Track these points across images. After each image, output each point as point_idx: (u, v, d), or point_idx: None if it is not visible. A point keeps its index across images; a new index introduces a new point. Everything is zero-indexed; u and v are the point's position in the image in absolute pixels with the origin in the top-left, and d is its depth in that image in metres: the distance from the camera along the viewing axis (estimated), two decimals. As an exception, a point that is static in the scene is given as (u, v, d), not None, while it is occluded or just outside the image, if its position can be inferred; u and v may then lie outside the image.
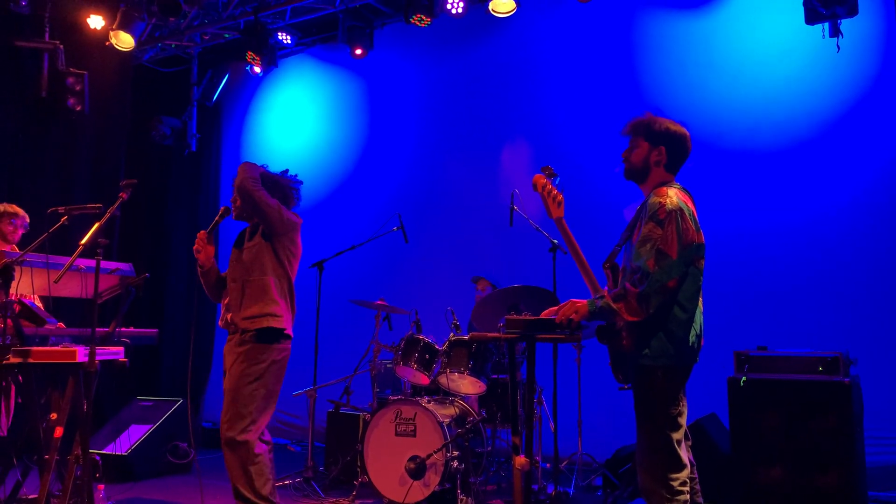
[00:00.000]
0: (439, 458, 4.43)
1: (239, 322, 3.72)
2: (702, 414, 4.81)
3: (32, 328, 3.87)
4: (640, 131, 3.01)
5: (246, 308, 3.72)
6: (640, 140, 3.00)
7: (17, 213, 4.88)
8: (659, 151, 2.98)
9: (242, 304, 3.73)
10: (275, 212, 3.79)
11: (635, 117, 3.05)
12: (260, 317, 3.69)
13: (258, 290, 3.74)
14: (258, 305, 3.71)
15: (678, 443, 2.81)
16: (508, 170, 6.86)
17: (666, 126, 2.99)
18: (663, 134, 2.98)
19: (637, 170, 3.03)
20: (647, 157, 2.99)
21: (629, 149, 3.05)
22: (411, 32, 7.05)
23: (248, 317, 3.70)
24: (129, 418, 5.96)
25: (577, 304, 2.88)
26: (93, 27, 7.18)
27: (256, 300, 3.72)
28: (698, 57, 6.20)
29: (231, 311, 3.82)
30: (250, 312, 3.70)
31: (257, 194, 3.77)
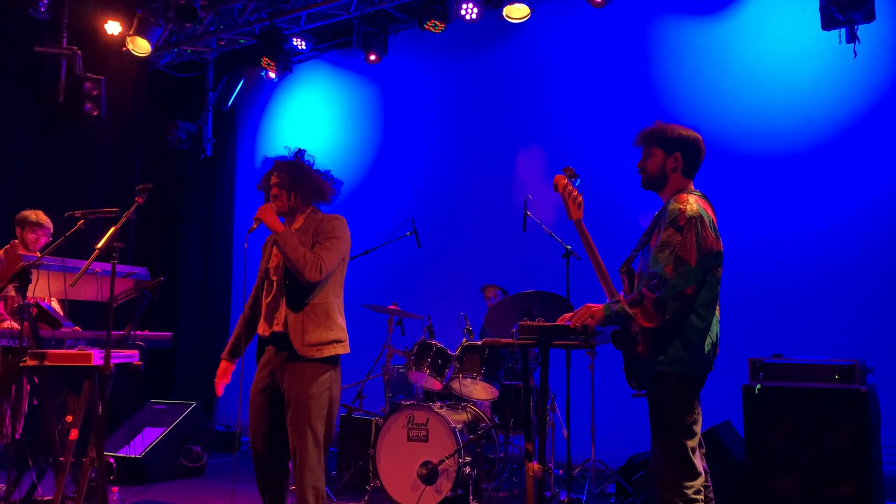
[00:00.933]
0: (451, 463, 4.42)
1: (301, 349, 3.34)
2: (716, 421, 4.77)
3: (48, 331, 3.91)
4: (653, 140, 2.99)
5: (308, 334, 3.36)
6: (654, 148, 2.99)
7: (41, 224, 4.88)
8: (675, 158, 2.97)
9: (305, 330, 3.36)
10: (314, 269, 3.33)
11: (645, 127, 3.05)
12: (326, 344, 3.39)
13: (322, 314, 3.41)
14: (322, 331, 3.39)
15: (693, 451, 2.79)
16: (522, 175, 6.86)
17: (678, 132, 2.98)
18: (677, 140, 2.97)
19: (655, 178, 3.01)
20: (664, 165, 2.98)
21: (643, 158, 3.03)
22: (425, 38, 7.06)
23: (313, 344, 3.36)
24: (143, 421, 5.99)
25: (593, 308, 2.87)
26: (110, 33, 7.25)
27: (319, 324, 3.39)
28: (714, 62, 6.18)
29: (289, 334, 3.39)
30: (315, 339, 3.37)
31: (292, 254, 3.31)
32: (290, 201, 3.50)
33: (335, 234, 3.47)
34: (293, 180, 3.50)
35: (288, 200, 3.50)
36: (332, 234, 3.45)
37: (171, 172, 8.53)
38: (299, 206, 3.54)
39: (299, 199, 3.52)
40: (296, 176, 3.51)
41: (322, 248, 3.39)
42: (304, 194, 3.52)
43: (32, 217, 4.88)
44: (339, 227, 3.51)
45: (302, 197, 3.52)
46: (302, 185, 3.51)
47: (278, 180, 3.51)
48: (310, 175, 3.55)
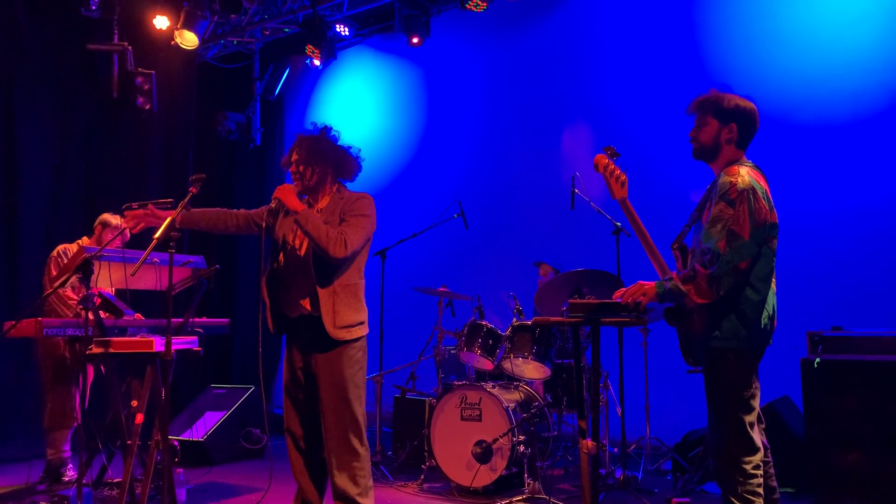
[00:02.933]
0: (505, 442, 4.45)
1: (332, 332, 3.32)
2: (774, 396, 4.70)
3: (111, 320, 4.05)
4: (709, 109, 2.93)
5: (340, 315, 3.32)
6: (709, 118, 2.93)
7: (119, 225, 5.02)
8: (730, 129, 2.91)
9: (336, 311, 3.32)
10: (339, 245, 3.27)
11: (700, 95, 2.98)
12: (355, 326, 3.39)
13: (351, 296, 3.38)
14: (351, 312, 3.37)
15: (751, 426, 2.76)
16: (569, 153, 6.80)
17: (735, 102, 2.91)
18: (733, 111, 2.91)
19: (708, 148, 2.95)
20: (718, 136, 2.92)
21: (696, 127, 2.97)
22: (467, 18, 7.02)
23: (344, 326, 3.34)
24: (204, 405, 6.17)
25: (645, 286, 2.84)
26: (158, 27, 7.39)
27: (349, 306, 3.36)
28: (764, 30, 6.00)
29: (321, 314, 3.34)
30: (346, 320, 3.34)
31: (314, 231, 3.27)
32: (310, 177, 3.43)
33: (362, 211, 3.40)
34: (312, 155, 3.43)
35: (309, 177, 3.43)
36: (359, 212, 3.39)
37: (223, 162, 8.69)
38: (321, 183, 3.46)
39: (319, 175, 3.44)
40: (316, 151, 3.43)
41: (348, 226, 3.34)
42: (324, 170, 3.44)
43: (114, 221, 5.04)
44: (366, 205, 3.43)
45: (321, 173, 3.44)
46: (321, 160, 3.43)
47: (298, 157, 3.44)
48: (330, 150, 3.46)
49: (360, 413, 3.39)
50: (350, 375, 3.37)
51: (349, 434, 3.35)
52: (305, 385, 3.49)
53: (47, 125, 7.01)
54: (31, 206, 6.79)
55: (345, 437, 3.35)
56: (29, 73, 6.85)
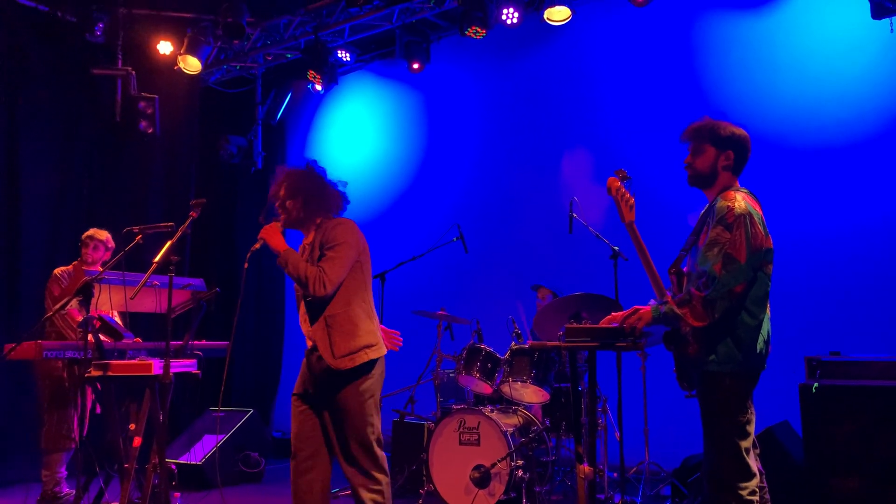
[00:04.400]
0: (504, 467, 4.43)
1: (333, 363, 3.29)
2: (773, 421, 4.68)
3: (111, 342, 4.06)
4: (705, 136, 2.96)
5: (336, 346, 3.30)
6: (706, 145, 2.96)
7: (94, 237, 5.09)
8: (727, 156, 2.95)
9: (332, 342, 3.31)
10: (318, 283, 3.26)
11: (694, 122, 3.02)
12: (356, 352, 3.32)
13: (346, 324, 3.33)
14: (348, 340, 3.32)
15: (747, 451, 2.76)
16: (567, 177, 6.84)
17: (731, 129, 2.96)
18: (729, 138, 2.95)
19: (704, 175, 2.98)
20: (715, 163, 2.95)
21: (692, 154, 3.00)
22: (467, 45, 7.11)
23: (343, 354, 3.29)
24: (203, 428, 6.15)
25: (641, 310, 2.86)
26: (162, 53, 7.48)
27: (344, 334, 3.32)
28: (761, 57, 6.07)
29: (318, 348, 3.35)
30: (343, 349, 3.30)
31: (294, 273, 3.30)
32: (293, 215, 3.43)
33: (337, 240, 3.36)
34: (297, 189, 3.42)
35: (293, 211, 3.42)
36: (334, 242, 3.35)
37: (224, 186, 8.74)
38: (308, 217, 3.46)
39: (303, 209, 3.43)
40: (300, 185, 3.43)
41: (325, 260, 3.31)
42: (308, 204, 3.43)
43: (90, 232, 5.11)
44: (340, 232, 3.38)
45: (305, 207, 3.43)
46: (305, 194, 3.42)
47: (283, 193, 3.44)
48: (312, 187, 3.45)
49: (372, 440, 3.35)
50: (359, 403, 3.32)
51: (365, 463, 3.32)
52: (317, 415, 3.44)
53: (51, 148, 7.07)
54: (33, 228, 6.83)
55: (361, 466, 3.32)
56: (33, 97, 6.93)
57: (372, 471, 3.33)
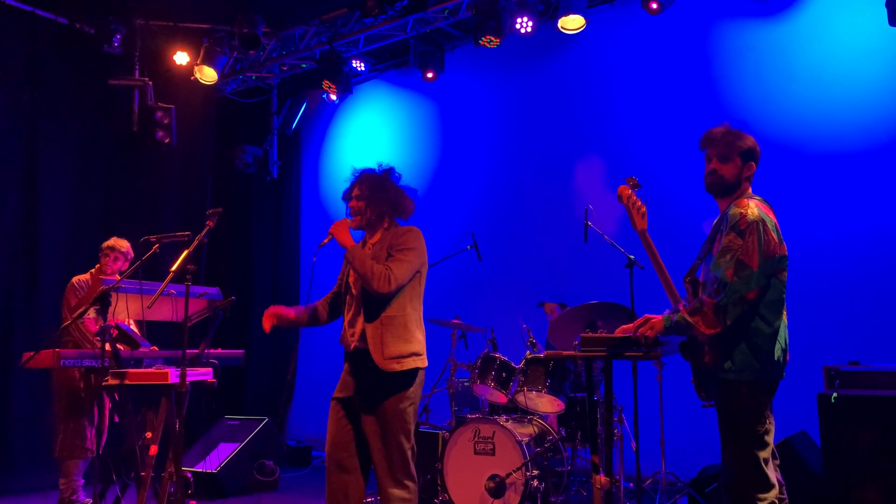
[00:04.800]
0: (519, 477, 4.41)
1: (381, 363, 3.33)
2: (790, 431, 4.64)
3: (128, 351, 4.09)
4: (734, 147, 2.95)
5: (388, 346, 3.34)
6: (735, 155, 2.95)
7: (114, 247, 5.10)
8: (748, 167, 2.96)
9: (384, 343, 3.35)
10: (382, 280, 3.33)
11: (719, 129, 2.99)
12: (406, 357, 3.37)
13: (399, 327, 3.39)
14: (401, 344, 3.37)
15: (765, 461, 2.73)
16: (582, 186, 6.83)
17: (752, 141, 2.98)
18: (752, 150, 2.97)
19: (730, 184, 2.97)
20: (741, 173, 2.96)
21: (720, 162, 2.96)
22: (481, 54, 7.12)
23: (393, 356, 3.34)
24: (218, 437, 6.17)
25: (653, 319, 2.85)
26: (178, 63, 7.55)
27: (398, 337, 3.37)
28: (777, 64, 6.05)
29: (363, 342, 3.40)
30: (395, 351, 3.35)
31: (360, 268, 3.36)
32: (367, 215, 3.52)
33: (407, 245, 3.47)
34: (374, 193, 3.52)
35: (368, 214, 3.52)
36: (405, 246, 3.46)
37: (240, 195, 8.79)
38: (378, 220, 3.56)
39: (377, 213, 3.53)
40: (378, 190, 3.53)
41: (393, 261, 3.40)
42: (380, 209, 3.54)
43: (109, 242, 5.12)
44: (411, 238, 3.51)
45: (380, 211, 3.54)
46: (380, 200, 3.53)
47: (358, 193, 3.54)
48: (390, 191, 3.57)
49: (407, 447, 3.38)
50: (401, 409, 3.35)
51: (398, 469, 3.35)
52: (351, 414, 3.46)
53: (68, 158, 7.14)
54: (51, 237, 6.90)
55: (391, 471, 3.35)
56: (51, 107, 7.01)
57: (404, 479, 3.36)
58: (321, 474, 3.66)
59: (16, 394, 6.40)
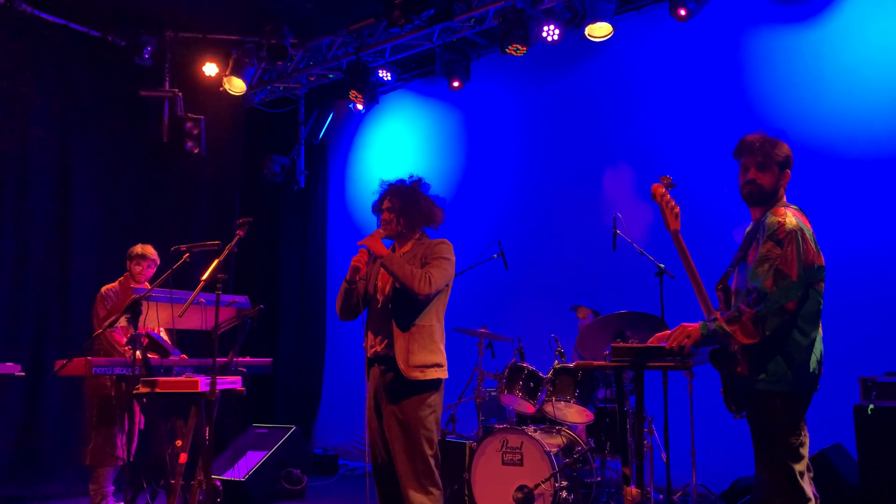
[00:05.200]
0: (547, 488, 4.37)
1: (405, 371, 3.43)
2: (825, 444, 4.55)
3: (158, 359, 4.12)
4: (772, 156, 2.91)
5: (413, 355, 3.45)
6: (773, 164, 2.91)
7: (145, 255, 5.13)
8: (785, 175, 2.93)
9: (410, 351, 3.45)
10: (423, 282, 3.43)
11: (756, 137, 2.95)
12: (429, 367, 3.48)
13: (426, 337, 3.50)
14: (426, 354, 3.48)
15: (801, 474, 2.67)
16: (610, 194, 6.77)
17: (788, 149, 2.95)
18: (788, 158, 2.94)
19: (768, 193, 2.92)
20: (778, 182, 2.93)
21: (759, 171, 2.92)
22: (507, 62, 7.11)
23: (418, 365, 3.45)
24: (246, 445, 6.20)
25: (689, 328, 2.80)
26: (208, 74, 7.64)
27: (423, 347, 3.48)
28: (808, 68, 5.95)
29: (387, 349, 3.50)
30: (419, 360, 3.45)
31: (399, 272, 3.44)
32: (398, 226, 3.62)
33: (444, 255, 3.58)
34: (404, 206, 3.62)
35: (399, 224, 3.62)
36: (440, 255, 3.57)
37: (268, 204, 8.87)
38: (409, 230, 3.66)
39: (408, 225, 3.64)
40: (407, 202, 3.63)
41: (431, 267, 3.51)
42: (412, 220, 3.64)
43: (138, 250, 5.15)
44: (446, 249, 3.62)
45: (410, 223, 3.64)
46: (412, 211, 3.63)
47: (390, 205, 3.63)
48: (421, 202, 3.66)
49: (430, 454, 3.45)
50: (423, 417, 3.45)
51: (419, 475, 3.41)
52: (381, 424, 3.56)
53: (100, 168, 7.26)
54: (83, 247, 7.00)
55: (415, 478, 3.41)
56: (84, 118, 7.14)
57: (429, 485, 3.42)
58: (348, 483, 3.69)
59: (48, 402, 6.50)
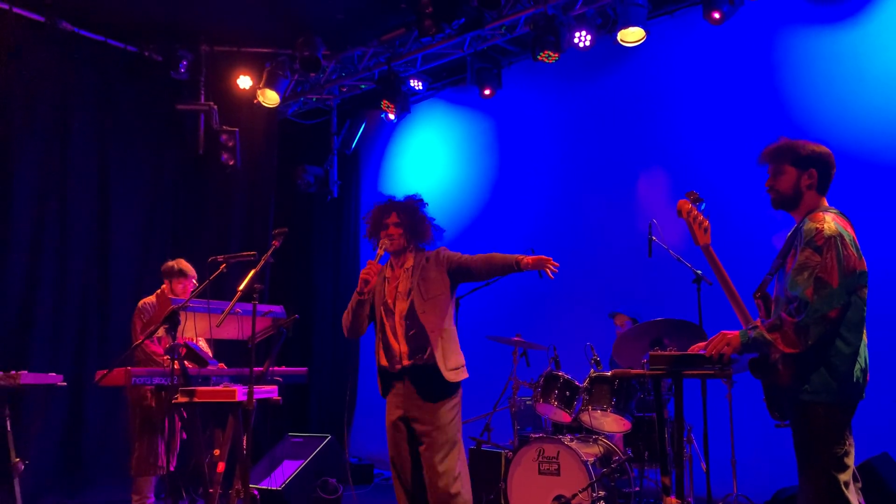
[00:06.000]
0: (585, 498, 4.32)
1: (445, 374, 3.53)
2: (872, 453, 4.43)
3: (195, 369, 4.17)
4: (785, 157, 2.87)
5: (449, 359, 3.57)
6: (786, 166, 2.87)
7: (186, 273, 5.14)
8: (809, 174, 2.85)
9: (445, 355, 3.56)
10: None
11: (771, 145, 2.93)
12: (459, 369, 3.62)
13: (450, 340, 3.63)
14: (456, 356, 3.63)
15: (846, 484, 2.61)
16: (645, 200, 6.70)
17: (811, 147, 2.87)
18: (810, 156, 2.86)
19: (788, 197, 2.88)
20: (798, 182, 2.86)
21: (773, 177, 2.90)
22: (539, 69, 7.10)
23: (453, 368, 3.57)
24: (282, 454, 6.23)
25: (729, 335, 2.75)
26: (242, 87, 7.75)
27: (453, 352, 3.62)
28: (847, 70, 5.83)
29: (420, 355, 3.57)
30: (454, 364, 3.59)
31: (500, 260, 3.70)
32: (404, 241, 3.74)
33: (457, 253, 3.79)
34: (413, 223, 3.75)
35: (402, 240, 3.73)
36: (457, 253, 3.78)
37: (301, 214, 8.94)
38: (410, 246, 3.79)
39: (413, 241, 3.78)
40: (415, 220, 3.77)
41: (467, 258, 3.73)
42: (417, 237, 3.78)
43: (177, 267, 5.14)
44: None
45: (416, 239, 3.79)
46: (417, 228, 3.77)
47: (398, 220, 3.74)
48: (425, 220, 3.82)
49: (460, 459, 3.55)
50: (451, 418, 3.56)
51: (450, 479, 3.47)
52: (407, 433, 3.62)
53: (138, 181, 7.40)
54: (122, 258, 7.14)
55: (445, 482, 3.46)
56: (122, 132, 7.29)
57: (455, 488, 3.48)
58: (383, 492, 3.71)
59: (89, 412, 6.61)
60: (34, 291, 6.53)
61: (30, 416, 6.16)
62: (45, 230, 6.67)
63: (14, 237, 6.47)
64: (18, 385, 4.60)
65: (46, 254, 6.65)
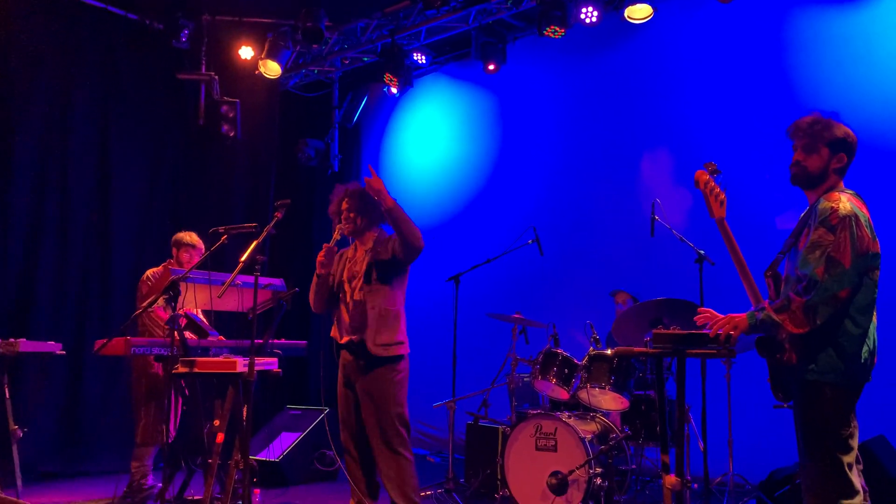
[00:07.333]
0: (582, 474, 4.34)
1: (372, 348, 3.95)
2: (868, 436, 4.45)
3: (195, 340, 4.16)
4: (822, 137, 2.81)
5: (379, 335, 3.96)
6: (821, 146, 2.81)
7: (195, 245, 5.17)
8: (839, 158, 2.81)
9: (379, 330, 3.97)
10: (419, 237, 3.94)
11: (807, 119, 2.86)
12: (393, 345, 3.99)
13: (391, 319, 4.01)
14: (390, 333, 3.99)
15: (849, 466, 2.61)
16: (649, 179, 6.67)
17: (845, 131, 2.83)
18: (844, 140, 2.82)
19: (814, 176, 2.83)
20: (828, 165, 2.82)
21: (805, 153, 2.83)
22: (544, 44, 7.02)
23: (383, 344, 3.96)
24: (281, 426, 6.25)
25: (736, 318, 2.73)
26: (243, 58, 7.67)
27: (389, 328, 3.99)
28: (857, 51, 5.77)
29: (358, 334, 4.00)
30: (384, 340, 3.97)
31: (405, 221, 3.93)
32: (357, 224, 4.12)
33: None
34: (363, 207, 4.11)
35: (356, 223, 4.11)
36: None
37: (302, 188, 8.89)
38: (365, 227, 4.16)
39: (365, 222, 4.14)
40: (365, 203, 4.11)
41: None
42: (369, 219, 4.15)
43: (187, 238, 5.18)
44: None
45: (368, 221, 4.15)
46: (369, 211, 4.12)
47: (348, 206, 4.13)
48: (376, 205, 4.07)
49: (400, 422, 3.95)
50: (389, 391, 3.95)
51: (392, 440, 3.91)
52: (353, 402, 4.06)
53: (139, 152, 7.34)
54: (123, 229, 7.10)
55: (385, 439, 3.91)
56: (123, 102, 7.22)
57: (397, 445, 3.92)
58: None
59: (89, 381, 6.62)
60: (35, 263, 6.50)
61: (29, 385, 6.17)
62: (46, 200, 6.63)
63: (14, 208, 6.43)
64: (17, 353, 4.60)
65: (47, 225, 6.61)
